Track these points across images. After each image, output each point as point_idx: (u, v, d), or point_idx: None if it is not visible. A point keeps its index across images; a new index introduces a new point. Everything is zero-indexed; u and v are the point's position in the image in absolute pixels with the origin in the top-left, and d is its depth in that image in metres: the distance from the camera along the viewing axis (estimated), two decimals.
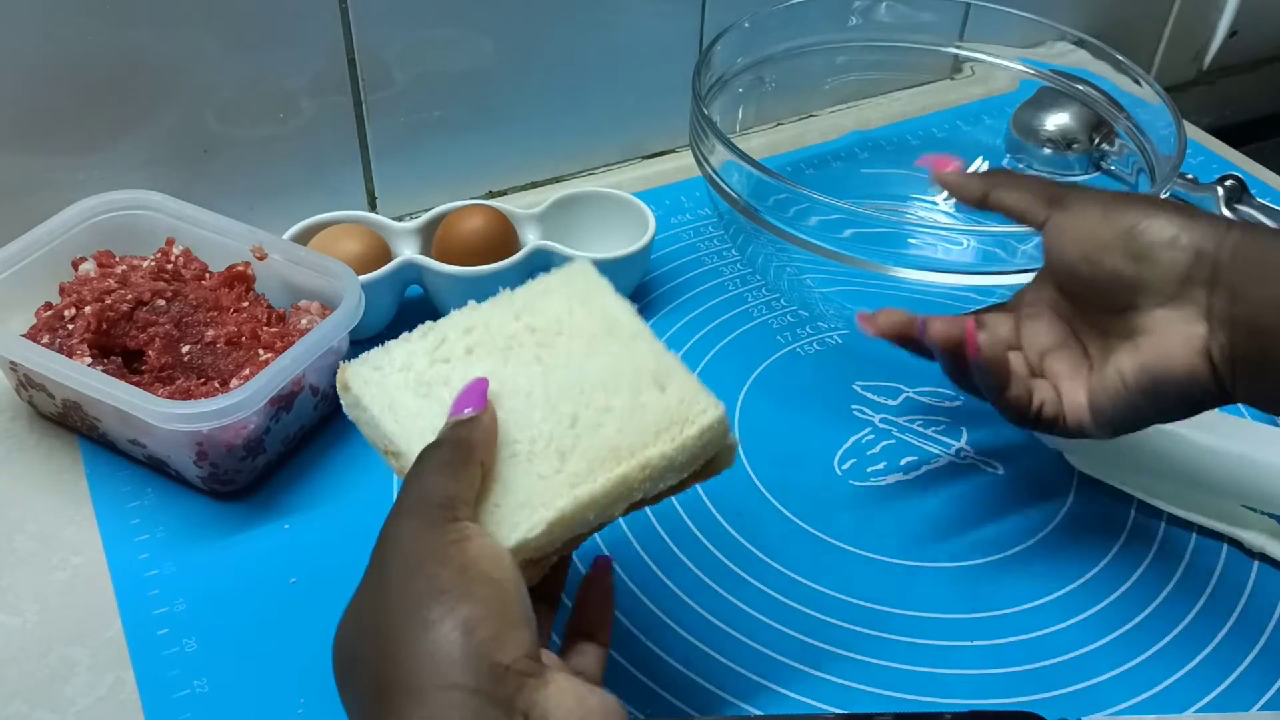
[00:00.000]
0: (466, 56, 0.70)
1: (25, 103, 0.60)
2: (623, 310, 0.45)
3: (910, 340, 0.50)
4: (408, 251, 0.64)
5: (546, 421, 0.41)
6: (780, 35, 0.71)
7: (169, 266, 0.60)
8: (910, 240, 0.58)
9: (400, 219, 0.68)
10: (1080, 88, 0.70)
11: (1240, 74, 1.04)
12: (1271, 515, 0.56)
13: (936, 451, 0.60)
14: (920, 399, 0.63)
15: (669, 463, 0.41)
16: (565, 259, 0.63)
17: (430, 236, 0.65)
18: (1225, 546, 0.56)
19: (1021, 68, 0.73)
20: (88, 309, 0.56)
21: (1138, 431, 0.56)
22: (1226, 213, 0.74)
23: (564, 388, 0.42)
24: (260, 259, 0.60)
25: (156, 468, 0.56)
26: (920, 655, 0.50)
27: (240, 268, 0.60)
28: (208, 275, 0.60)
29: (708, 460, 0.43)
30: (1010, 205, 0.50)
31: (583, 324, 0.45)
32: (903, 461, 0.59)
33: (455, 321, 0.45)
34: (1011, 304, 0.51)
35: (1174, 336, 0.43)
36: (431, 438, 0.40)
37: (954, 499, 0.58)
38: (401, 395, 0.42)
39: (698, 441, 0.42)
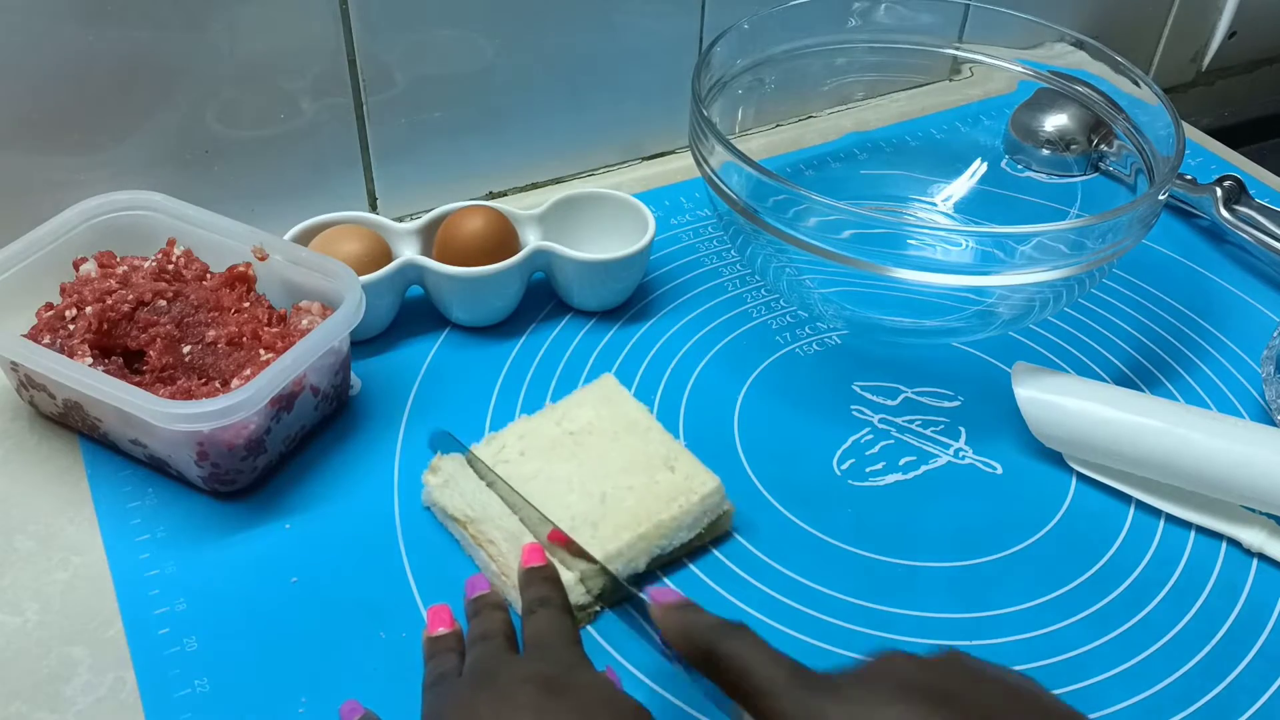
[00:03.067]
0: (467, 58, 0.70)
1: (27, 103, 0.60)
2: (638, 410, 0.58)
3: None
4: (408, 252, 0.64)
5: (581, 502, 0.52)
6: (779, 37, 0.71)
7: (170, 267, 0.60)
8: (909, 241, 0.58)
9: (401, 220, 0.68)
10: (1079, 89, 0.70)
11: (1239, 75, 1.05)
12: (1271, 515, 0.56)
13: (935, 452, 0.60)
14: (919, 399, 0.63)
15: (677, 523, 0.52)
16: (565, 259, 0.64)
17: (431, 237, 0.66)
18: (1224, 546, 0.56)
19: (1020, 69, 0.73)
20: (89, 309, 0.56)
21: (1138, 429, 0.56)
22: (1225, 214, 0.75)
23: (595, 475, 0.54)
24: (261, 259, 0.60)
25: (157, 468, 0.56)
26: None
27: (241, 268, 0.60)
28: (209, 276, 0.60)
29: (712, 522, 0.54)
30: (744, 664, 0.38)
31: (608, 425, 0.56)
32: (902, 462, 0.59)
33: (512, 430, 0.56)
34: None
35: None
36: (494, 510, 0.52)
37: (953, 499, 0.58)
38: (476, 483, 0.54)
39: (700, 506, 0.53)
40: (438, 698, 0.43)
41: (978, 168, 0.76)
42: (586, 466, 0.54)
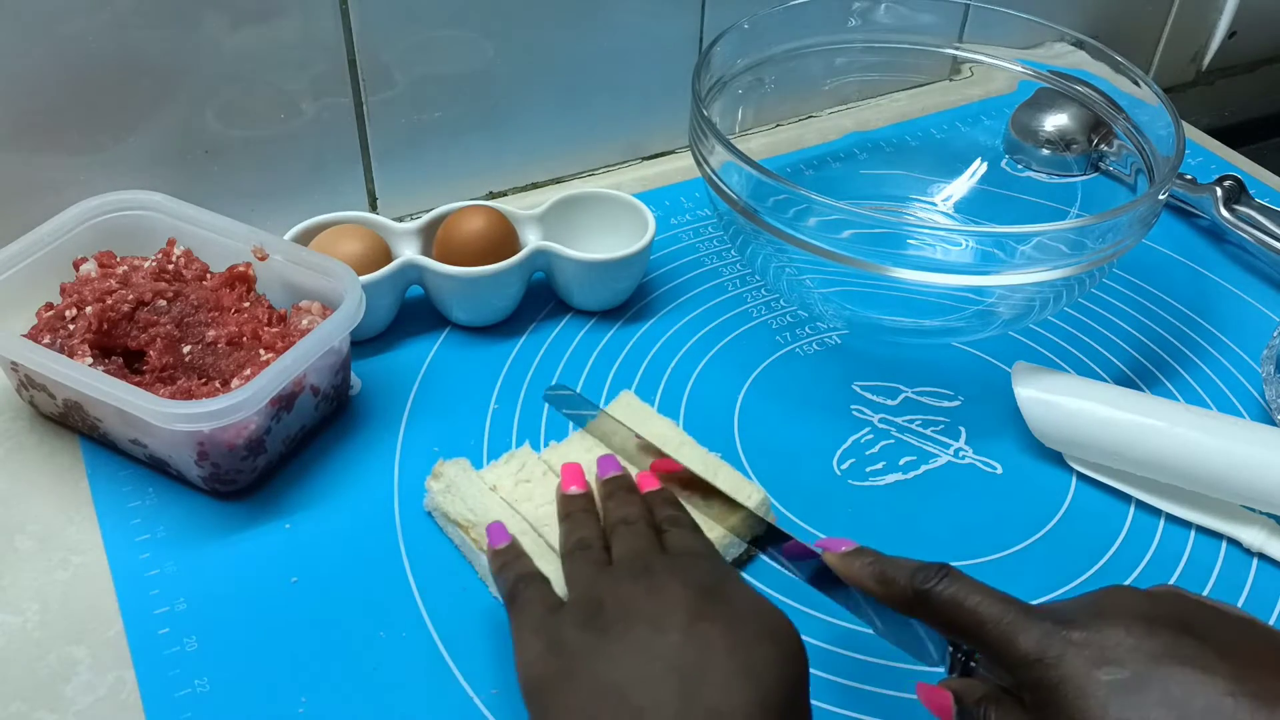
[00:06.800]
0: (467, 57, 0.70)
1: (27, 103, 0.60)
2: (667, 426, 0.56)
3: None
4: (408, 252, 0.64)
5: None
6: (780, 36, 0.71)
7: (170, 267, 0.60)
8: (909, 241, 0.58)
9: (401, 220, 0.68)
10: (1079, 89, 0.70)
11: (1239, 75, 1.05)
12: (1271, 515, 0.56)
13: (935, 451, 0.60)
14: (919, 399, 0.63)
15: (728, 540, 0.51)
16: (565, 259, 0.64)
17: (431, 237, 0.66)
18: (1224, 546, 0.56)
19: (1020, 69, 0.73)
20: (89, 309, 0.56)
21: (1138, 429, 0.56)
22: (1225, 214, 0.75)
23: None
24: (261, 259, 0.60)
25: (157, 467, 0.56)
26: None
27: (241, 268, 0.60)
28: (209, 276, 0.60)
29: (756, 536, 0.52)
30: (971, 603, 0.39)
31: None
32: (902, 461, 0.59)
33: (538, 456, 0.55)
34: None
35: None
36: (495, 515, 0.51)
37: (953, 499, 0.58)
38: (485, 495, 0.53)
39: (744, 523, 0.51)
40: (588, 575, 0.44)
41: (978, 168, 0.76)
42: None
